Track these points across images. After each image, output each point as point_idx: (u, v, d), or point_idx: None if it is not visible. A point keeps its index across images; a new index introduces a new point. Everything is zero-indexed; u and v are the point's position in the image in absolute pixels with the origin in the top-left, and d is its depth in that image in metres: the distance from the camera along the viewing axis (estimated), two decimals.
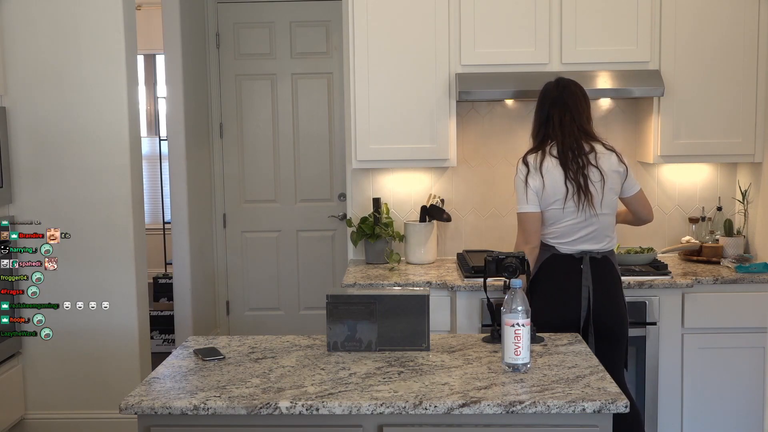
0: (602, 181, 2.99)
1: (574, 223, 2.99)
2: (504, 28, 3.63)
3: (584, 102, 3.08)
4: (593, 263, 3.00)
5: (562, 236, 3.02)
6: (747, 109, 3.66)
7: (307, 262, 5.59)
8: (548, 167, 2.98)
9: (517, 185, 3.05)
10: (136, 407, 2.08)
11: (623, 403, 2.06)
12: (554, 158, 2.99)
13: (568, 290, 2.99)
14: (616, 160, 3.04)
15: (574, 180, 2.96)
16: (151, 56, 7.41)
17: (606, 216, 3.03)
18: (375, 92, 3.68)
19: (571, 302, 2.98)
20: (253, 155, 5.54)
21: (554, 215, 3.01)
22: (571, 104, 3.04)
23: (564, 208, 2.98)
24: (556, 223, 3.02)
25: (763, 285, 3.44)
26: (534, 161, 3.01)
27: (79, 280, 3.96)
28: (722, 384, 3.47)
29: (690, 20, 3.62)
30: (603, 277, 3.01)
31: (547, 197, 2.99)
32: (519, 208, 3.04)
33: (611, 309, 3.00)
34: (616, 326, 3.01)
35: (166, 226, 6.47)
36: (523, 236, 3.04)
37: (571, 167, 2.96)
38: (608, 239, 3.05)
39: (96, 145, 3.99)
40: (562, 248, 3.03)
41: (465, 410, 2.05)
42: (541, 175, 2.98)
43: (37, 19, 3.92)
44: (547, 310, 2.95)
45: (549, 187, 2.98)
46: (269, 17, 5.46)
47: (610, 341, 3.00)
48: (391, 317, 2.49)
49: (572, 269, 3.00)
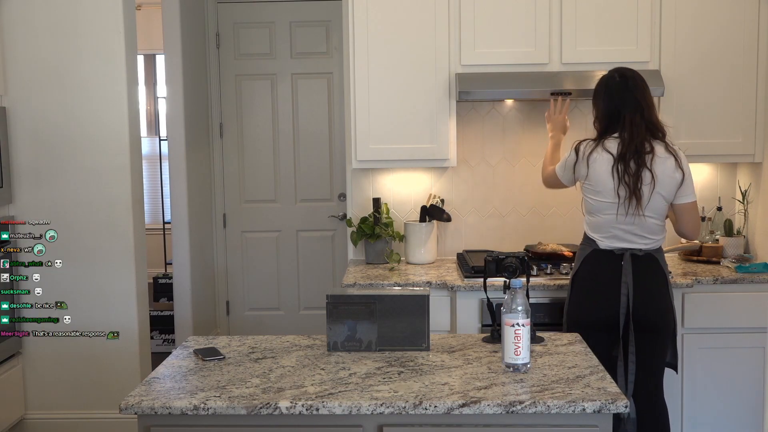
0: (652, 185, 2.94)
1: (616, 218, 2.98)
2: (504, 28, 3.63)
3: (649, 92, 3.05)
4: (635, 261, 2.98)
5: (599, 229, 3.01)
6: (747, 109, 3.66)
7: (307, 262, 5.59)
8: (596, 159, 2.97)
9: (565, 160, 3.15)
10: (136, 407, 2.08)
11: (623, 403, 2.06)
12: (608, 153, 2.97)
13: (607, 287, 2.98)
14: (673, 165, 2.97)
15: (625, 183, 2.94)
16: (151, 56, 7.42)
17: (650, 219, 2.98)
18: (375, 92, 3.68)
19: (610, 299, 2.97)
20: (253, 155, 5.54)
21: (597, 205, 3.01)
22: (641, 100, 3.00)
23: (608, 203, 2.97)
24: (597, 214, 3.02)
25: (763, 285, 3.44)
26: (584, 150, 3.02)
27: (79, 280, 3.96)
28: (722, 384, 3.47)
29: (690, 20, 3.62)
30: (645, 274, 2.98)
31: (589, 187, 3.02)
32: (556, 168, 3.22)
33: (652, 305, 2.97)
34: (658, 321, 2.99)
35: (166, 226, 6.48)
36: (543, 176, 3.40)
37: (625, 169, 2.94)
38: (651, 239, 3.01)
39: (96, 145, 3.99)
40: (602, 243, 3.02)
41: (465, 410, 2.05)
42: (587, 165, 3.00)
43: (37, 19, 3.92)
44: (585, 306, 2.98)
45: (593, 178, 2.99)
46: (269, 17, 5.46)
47: (651, 336, 2.99)
48: (391, 317, 2.49)
49: (613, 266, 2.99)
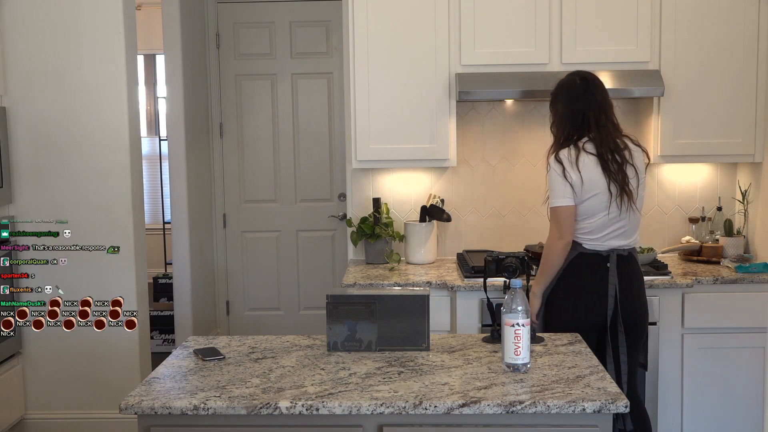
0: (636, 178, 2.98)
1: (610, 218, 2.96)
2: (504, 28, 3.63)
3: (608, 94, 3.05)
4: (620, 261, 2.98)
5: (594, 231, 2.98)
6: (747, 109, 3.66)
7: (307, 262, 5.59)
8: (585, 162, 2.94)
9: (552, 180, 2.97)
10: (136, 407, 2.08)
11: (623, 403, 2.06)
12: (591, 155, 2.95)
13: (595, 291, 2.96)
14: (642, 156, 3.03)
15: (616, 180, 2.93)
16: (151, 56, 7.41)
17: (637, 213, 3.02)
18: (375, 92, 3.68)
19: (599, 302, 2.96)
20: (253, 155, 5.54)
21: (589, 209, 2.96)
22: (601, 101, 3.00)
23: (602, 204, 2.94)
24: (590, 218, 2.97)
25: (763, 285, 3.44)
26: (569, 157, 2.95)
27: (79, 280, 3.96)
28: (722, 384, 3.47)
29: (690, 20, 3.62)
30: (628, 273, 2.99)
31: (585, 192, 2.94)
32: (554, 202, 2.96)
33: (636, 305, 2.99)
34: (639, 322, 3.00)
35: (166, 226, 6.48)
36: (557, 231, 2.96)
37: (612, 168, 2.93)
38: (635, 236, 3.04)
39: (96, 145, 3.99)
40: (589, 244, 2.98)
41: (465, 410, 2.05)
42: (578, 170, 2.92)
43: (37, 19, 3.92)
44: (573, 310, 2.96)
45: (587, 182, 2.93)
46: (269, 17, 5.46)
47: (633, 338, 2.99)
48: (391, 317, 2.49)
49: (599, 268, 2.97)
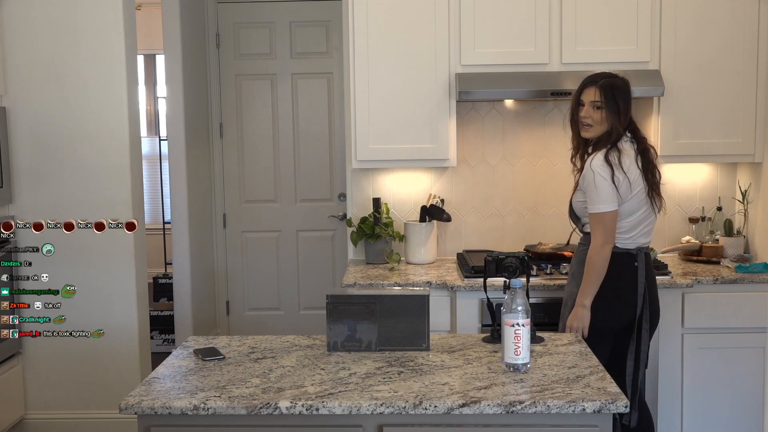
0: (658, 177, 3.05)
1: (644, 216, 3.01)
2: (504, 28, 3.63)
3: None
4: (646, 259, 3.03)
5: (629, 230, 2.99)
6: (747, 109, 3.66)
7: (307, 262, 5.59)
8: (627, 164, 2.96)
9: (599, 185, 2.92)
10: (136, 407, 2.08)
11: (623, 403, 2.06)
12: (630, 154, 2.98)
13: (626, 290, 2.98)
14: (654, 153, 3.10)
15: (649, 179, 2.99)
16: (151, 56, 7.42)
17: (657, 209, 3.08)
18: (375, 92, 3.68)
19: (630, 302, 2.98)
20: (253, 155, 5.54)
21: (629, 208, 2.98)
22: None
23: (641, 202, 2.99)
24: (628, 217, 2.99)
25: (763, 285, 3.44)
26: (615, 160, 2.95)
27: (79, 280, 3.96)
28: (722, 384, 3.47)
29: (690, 20, 3.62)
30: (650, 271, 3.06)
31: (629, 192, 2.96)
32: (600, 208, 2.92)
33: (658, 303, 3.07)
34: (658, 320, 3.09)
35: (166, 226, 6.48)
36: (603, 236, 2.92)
37: (647, 165, 3.00)
38: (652, 233, 3.10)
39: (96, 145, 3.99)
40: (622, 243, 2.99)
41: (465, 410, 2.05)
42: (623, 171, 2.94)
43: (37, 19, 3.92)
44: (607, 311, 2.95)
45: (632, 182, 2.96)
46: (269, 17, 5.46)
47: (651, 336, 3.06)
48: (391, 317, 2.49)
49: (629, 267, 2.99)
